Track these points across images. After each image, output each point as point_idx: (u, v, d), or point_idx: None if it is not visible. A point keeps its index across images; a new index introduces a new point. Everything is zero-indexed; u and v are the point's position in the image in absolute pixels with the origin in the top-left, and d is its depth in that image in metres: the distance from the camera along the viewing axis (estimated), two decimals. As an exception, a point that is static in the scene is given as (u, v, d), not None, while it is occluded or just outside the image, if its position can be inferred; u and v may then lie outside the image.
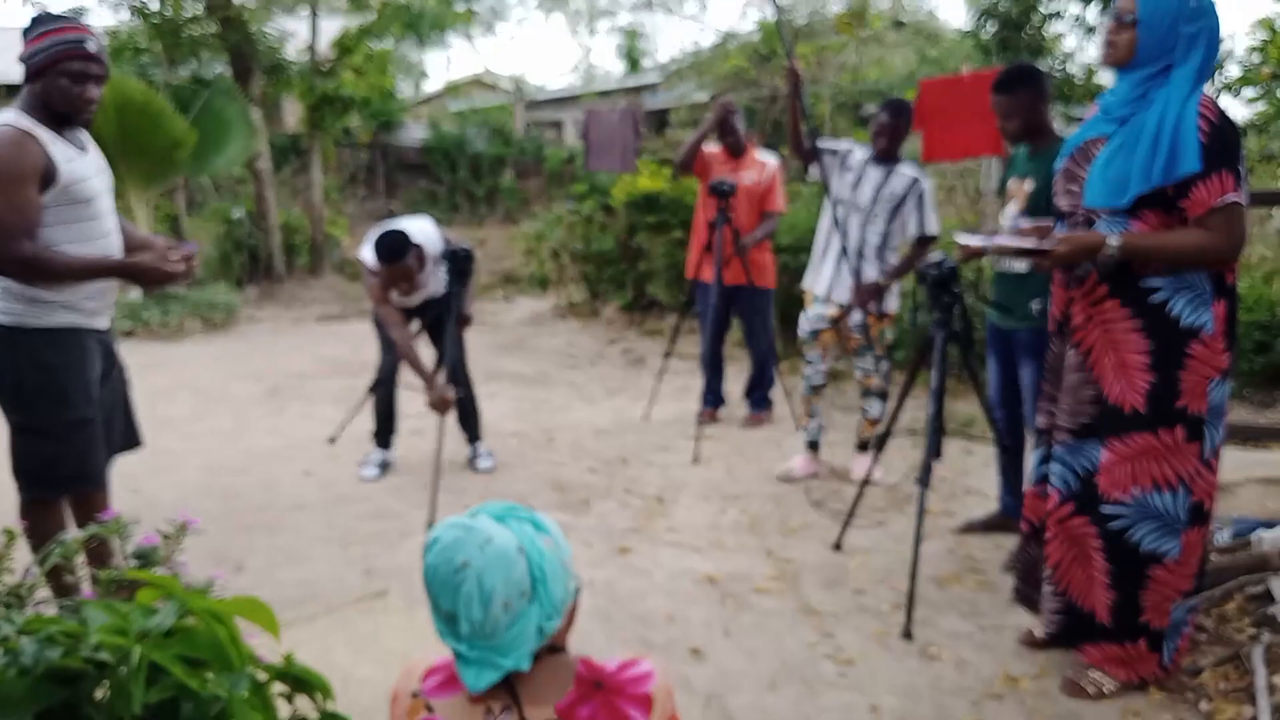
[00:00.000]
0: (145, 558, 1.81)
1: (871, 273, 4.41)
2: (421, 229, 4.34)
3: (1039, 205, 3.31)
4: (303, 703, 1.57)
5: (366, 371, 7.01)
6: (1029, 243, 2.62)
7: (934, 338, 3.35)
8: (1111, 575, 2.62)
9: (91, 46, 2.63)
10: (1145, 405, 2.52)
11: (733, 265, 5.22)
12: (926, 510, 3.34)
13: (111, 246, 2.78)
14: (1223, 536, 3.62)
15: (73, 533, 1.71)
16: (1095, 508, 2.62)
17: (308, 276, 10.56)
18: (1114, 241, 2.44)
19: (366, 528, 3.95)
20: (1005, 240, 2.82)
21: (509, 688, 1.42)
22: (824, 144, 4.47)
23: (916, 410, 4.99)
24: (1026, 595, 3.00)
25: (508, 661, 1.40)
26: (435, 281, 4.45)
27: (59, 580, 1.72)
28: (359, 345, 7.89)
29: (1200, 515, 2.59)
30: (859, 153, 4.43)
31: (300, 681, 1.60)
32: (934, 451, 3.32)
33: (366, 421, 4.99)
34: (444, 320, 4.36)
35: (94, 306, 2.78)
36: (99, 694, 1.38)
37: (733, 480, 4.64)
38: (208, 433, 5.39)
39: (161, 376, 6.62)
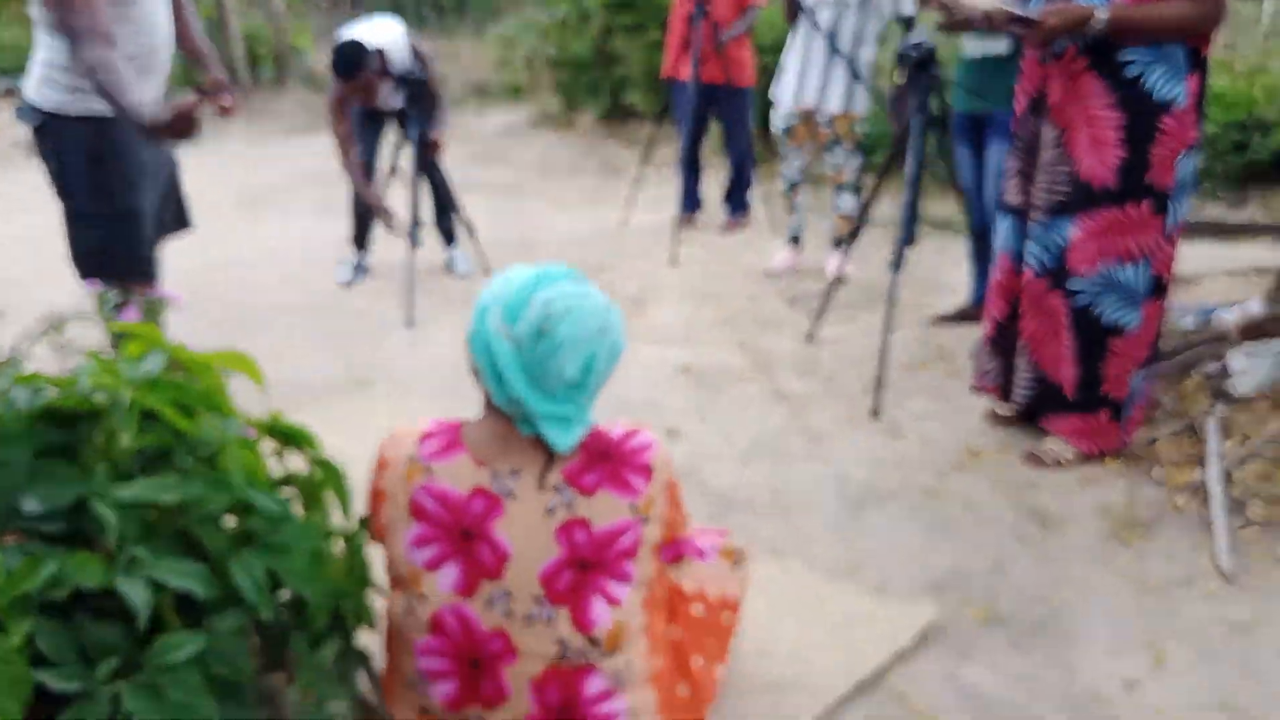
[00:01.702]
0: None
1: (842, 74, 4.34)
2: (386, 31, 4.21)
3: None
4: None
5: (339, 183, 6.91)
6: (1019, 8, 2.55)
7: (911, 121, 3.33)
8: (1077, 349, 2.71)
9: None
10: (1115, 180, 2.55)
11: (710, 62, 5.09)
12: (898, 301, 3.41)
13: (159, 33, 2.73)
14: (1188, 323, 3.73)
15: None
16: (1065, 283, 2.68)
17: (274, 89, 10.23)
18: (1102, 14, 2.41)
19: (348, 326, 4.00)
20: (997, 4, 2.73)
21: (520, 452, 1.48)
22: None
23: (893, 208, 5.00)
24: (985, 379, 3.06)
25: (589, 418, 1.48)
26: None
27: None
28: (330, 157, 7.71)
29: (1159, 287, 2.66)
30: None
31: (288, 437, 1.67)
32: (908, 238, 3.36)
33: (341, 229, 4.96)
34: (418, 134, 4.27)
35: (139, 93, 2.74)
36: (94, 439, 1.44)
37: (710, 281, 4.69)
38: (182, 240, 5.34)
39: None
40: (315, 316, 4.13)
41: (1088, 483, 2.74)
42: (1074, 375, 2.75)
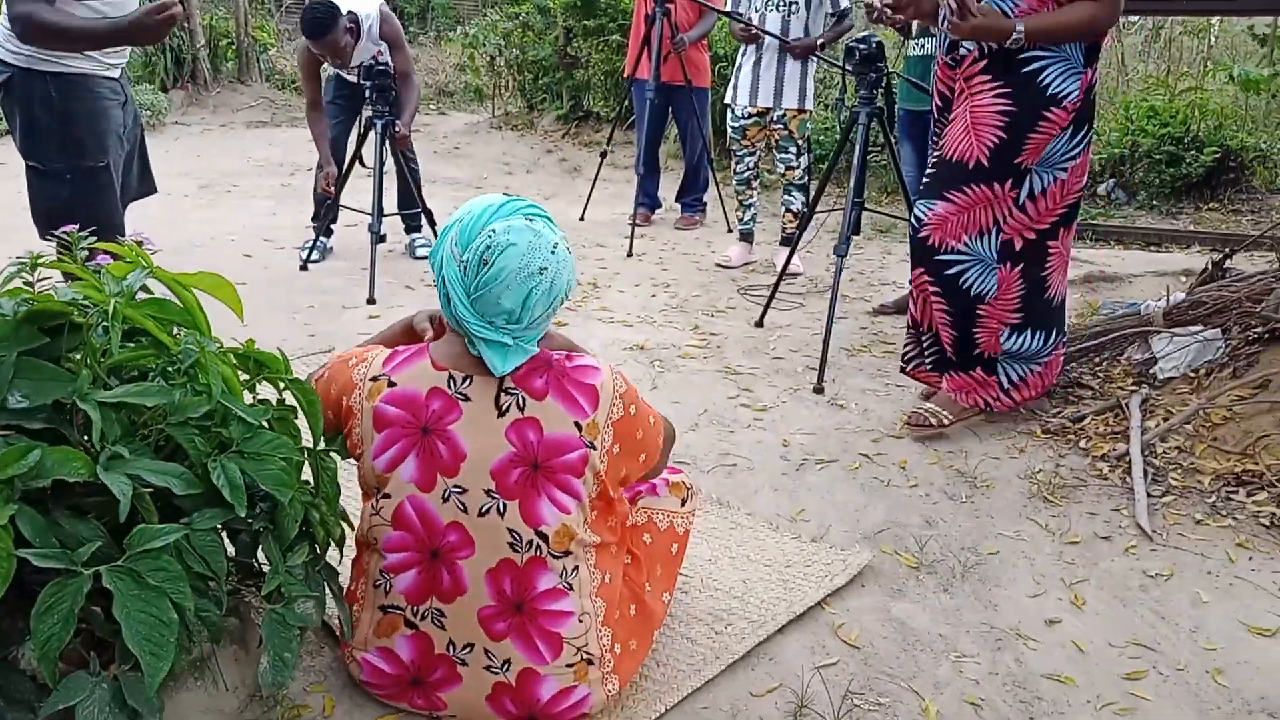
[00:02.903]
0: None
1: (800, 69, 4.55)
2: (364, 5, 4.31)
3: None
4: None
5: (301, 172, 6.96)
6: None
7: (858, 114, 3.48)
8: (950, 317, 2.86)
9: None
10: (989, 159, 2.68)
11: (670, 63, 5.24)
12: (844, 295, 3.56)
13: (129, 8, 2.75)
14: (1116, 315, 3.92)
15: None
16: (930, 259, 2.80)
17: (235, 83, 10.22)
18: (1019, 27, 2.55)
19: (308, 300, 4.07)
20: None
21: (475, 364, 1.57)
22: None
23: (839, 203, 5.17)
24: (908, 362, 3.19)
25: (532, 347, 1.57)
26: (368, 52, 4.43)
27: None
28: (292, 148, 7.78)
29: (1011, 253, 2.80)
30: None
31: (260, 364, 1.75)
32: (853, 226, 3.51)
33: (301, 214, 5.02)
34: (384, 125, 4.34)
35: (109, 53, 2.77)
36: (79, 349, 1.51)
37: (664, 270, 4.82)
38: (138, 220, 5.33)
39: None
40: (278, 293, 4.19)
41: (1016, 452, 2.89)
42: (950, 339, 2.91)
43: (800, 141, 4.72)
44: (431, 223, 4.71)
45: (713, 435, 2.95)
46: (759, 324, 3.99)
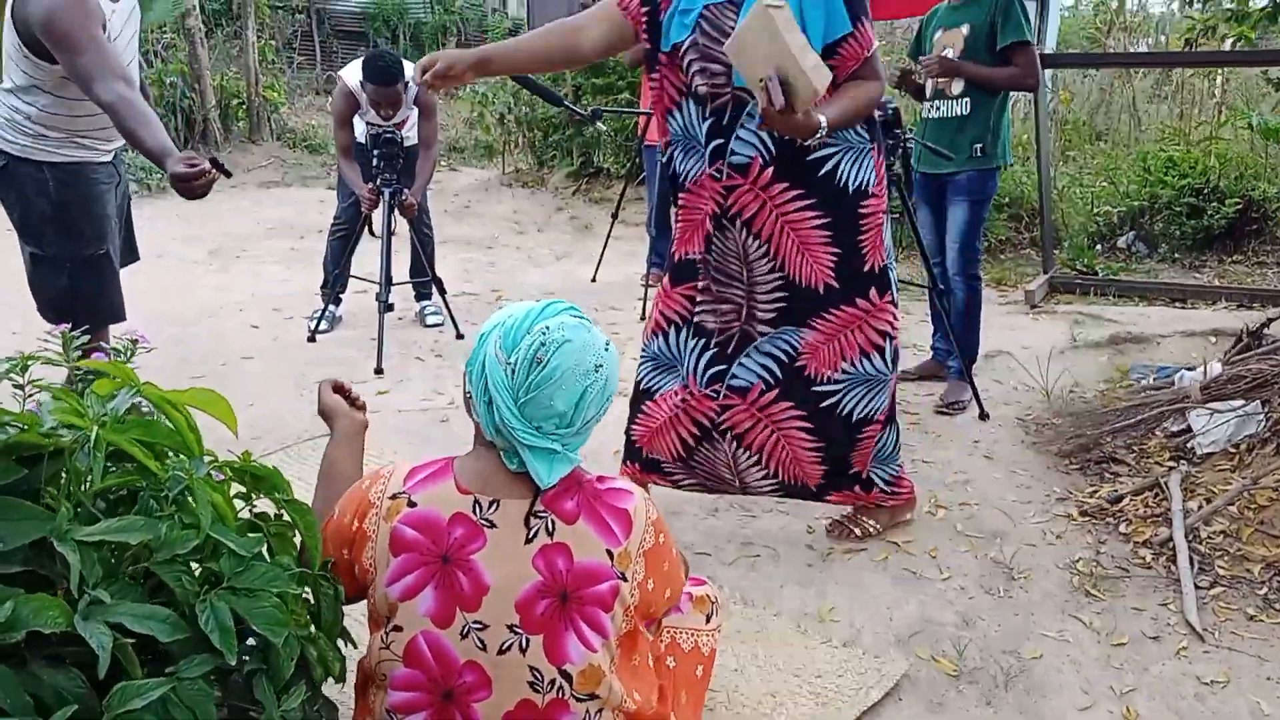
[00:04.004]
0: (96, 375, 1.84)
1: None
2: (410, 67, 4.33)
3: (978, 47, 3.57)
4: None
5: (311, 234, 6.92)
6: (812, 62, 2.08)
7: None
8: (820, 450, 2.56)
9: None
10: (836, 280, 2.43)
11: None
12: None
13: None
14: (1147, 382, 3.80)
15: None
16: (804, 391, 2.52)
17: (246, 143, 10.25)
18: (824, 122, 2.16)
19: (317, 373, 3.97)
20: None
21: (504, 485, 1.47)
22: None
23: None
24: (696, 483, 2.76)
25: (576, 456, 1.47)
26: (402, 115, 4.45)
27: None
28: (304, 209, 7.76)
29: (897, 355, 2.59)
30: None
31: (258, 479, 1.65)
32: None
33: (311, 280, 4.95)
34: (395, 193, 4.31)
35: (103, 140, 2.73)
36: (59, 480, 1.41)
37: (679, 335, 4.72)
38: (150, 288, 5.28)
39: (98, 238, 6.47)
40: (285, 364, 4.10)
41: (1054, 537, 2.76)
42: (819, 473, 2.59)
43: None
44: (441, 291, 4.63)
45: (734, 521, 2.83)
46: (778, 393, 3.87)
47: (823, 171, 2.36)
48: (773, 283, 2.46)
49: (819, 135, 2.16)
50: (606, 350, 1.46)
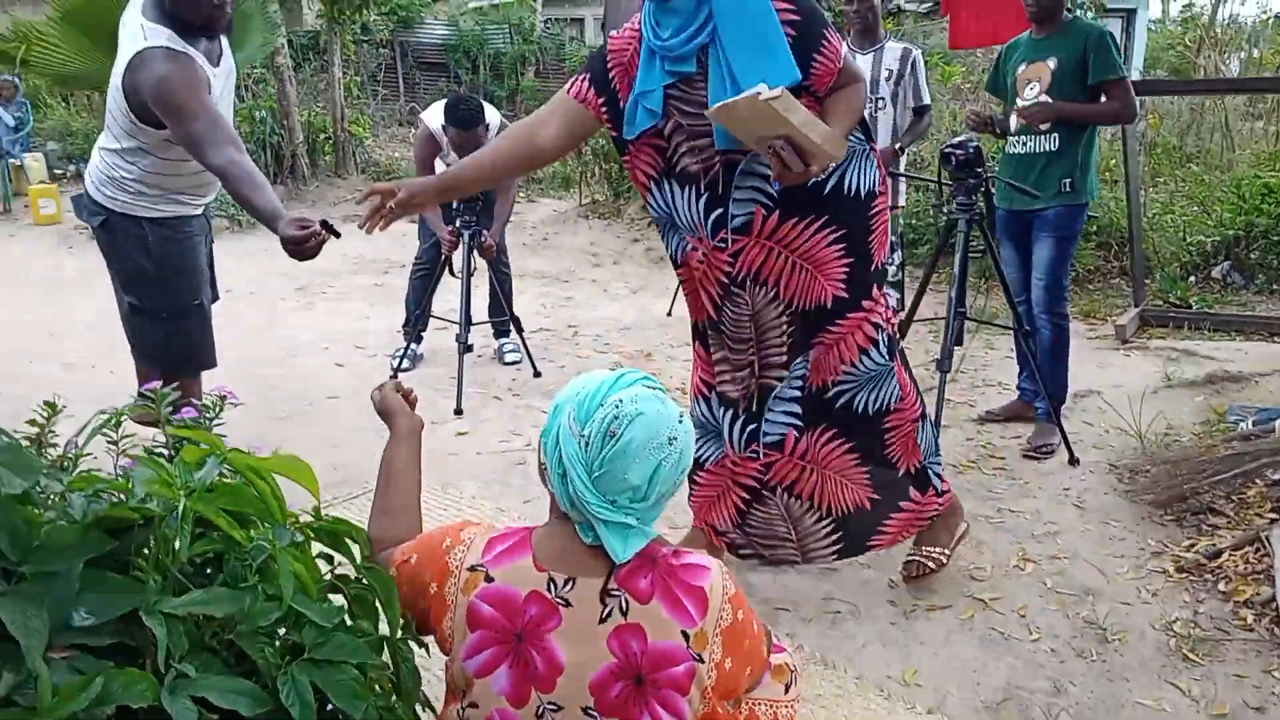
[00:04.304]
0: (185, 430, 1.88)
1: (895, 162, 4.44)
2: (490, 111, 4.47)
3: (1066, 80, 3.45)
4: (341, 567, 1.64)
5: (394, 269, 7.06)
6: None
7: (957, 221, 3.33)
8: (858, 456, 2.49)
9: None
10: (847, 289, 2.36)
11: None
12: (947, 400, 3.37)
13: None
14: (1245, 426, 3.64)
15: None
16: (824, 408, 2.45)
17: (333, 176, 10.52)
18: (836, 150, 2.12)
19: (397, 415, 4.03)
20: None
21: (579, 560, 1.46)
22: None
23: (936, 304, 4.99)
24: (758, 552, 2.70)
25: (651, 530, 1.46)
26: None
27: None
28: (389, 244, 7.88)
29: (894, 342, 2.51)
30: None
31: (338, 538, 1.67)
32: (955, 338, 3.33)
33: (394, 317, 5.04)
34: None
35: (198, 195, 2.84)
36: (147, 547, 1.44)
37: (756, 373, 4.68)
38: (240, 328, 5.44)
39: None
40: (367, 404, 4.15)
41: (1149, 595, 2.65)
42: (866, 481, 2.51)
43: (891, 239, 4.57)
44: (519, 329, 4.68)
45: (814, 574, 2.78)
46: (857, 435, 3.81)
47: (830, 187, 2.29)
48: (780, 323, 2.40)
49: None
50: (680, 423, 1.44)
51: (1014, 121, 3.62)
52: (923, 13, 10.25)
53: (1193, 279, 6.19)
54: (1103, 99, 3.50)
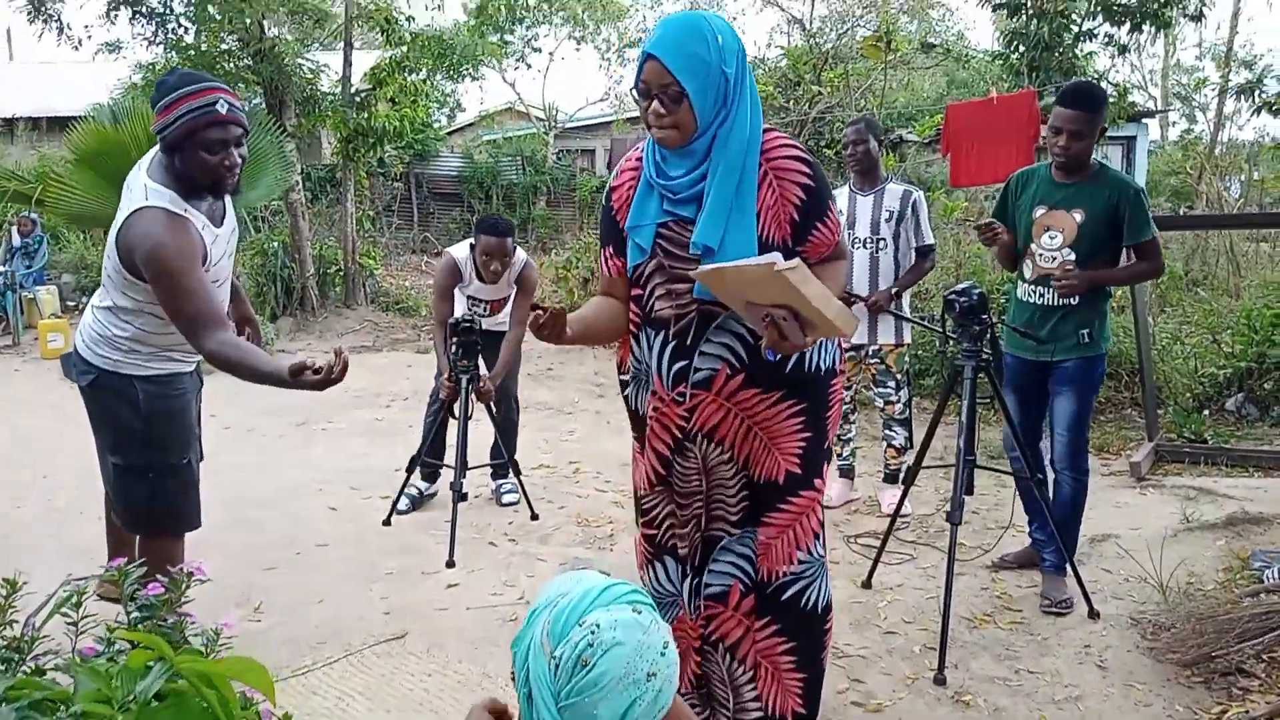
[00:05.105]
0: (149, 609, 1.78)
1: (897, 302, 4.41)
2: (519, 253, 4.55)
3: (1092, 236, 3.33)
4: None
5: (396, 402, 7.02)
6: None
7: (963, 367, 3.25)
8: (799, 655, 2.35)
9: (224, 108, 2.53)
10: (800, 465, 2.27)
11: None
12: (959, 545, 3.24)
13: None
14: (1271, 574, 3.48)
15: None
16: (771, 599, 2.33)
17: (341, 307, 10.61)
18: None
19: (390, 564, 3.90)
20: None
21: None
22: None
23: (946, 440, 4.89)
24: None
25: None
26: (500, 293, 4.57)
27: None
28: (392, 376, 7.92)
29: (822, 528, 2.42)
30: (840, 193, 4.43)
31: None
32: (965, 487, 3.22)
33: (393, 455, 4.95)
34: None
35: (191, 352, 2.78)
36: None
37: (761, 514, 4.56)
38: (233, 467, 5.36)
39: (192, 409, 6.65)
40: (359, 553, 4.05)
41: (1180, 770, 2.47)
42: (800, 684, 2.36)
43: (899, 375, 4.52)
44: (517, 473, 4.60)
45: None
46: (867, 584, 3.66)
47: (792, 364, 2.21)
48: (737, 485, 2.30)
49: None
50: (663, 655, 1.31)
51: (1029, 268, 3.48)
52: (925, 143, 10.43)
53: (1206, 411, 6.08)
54: (1132, 257, 3.42)
